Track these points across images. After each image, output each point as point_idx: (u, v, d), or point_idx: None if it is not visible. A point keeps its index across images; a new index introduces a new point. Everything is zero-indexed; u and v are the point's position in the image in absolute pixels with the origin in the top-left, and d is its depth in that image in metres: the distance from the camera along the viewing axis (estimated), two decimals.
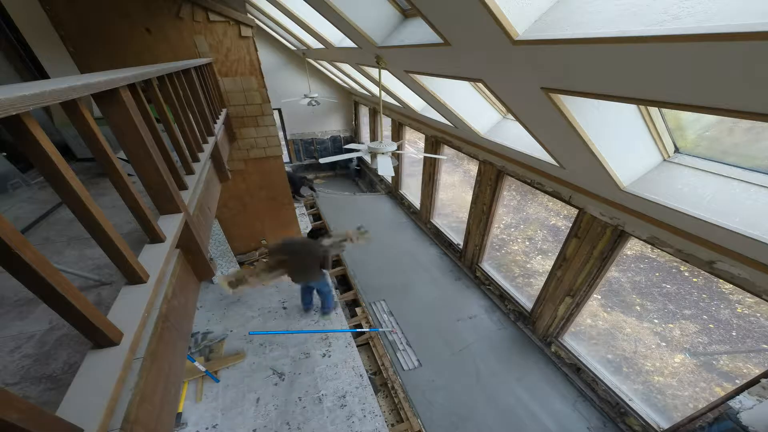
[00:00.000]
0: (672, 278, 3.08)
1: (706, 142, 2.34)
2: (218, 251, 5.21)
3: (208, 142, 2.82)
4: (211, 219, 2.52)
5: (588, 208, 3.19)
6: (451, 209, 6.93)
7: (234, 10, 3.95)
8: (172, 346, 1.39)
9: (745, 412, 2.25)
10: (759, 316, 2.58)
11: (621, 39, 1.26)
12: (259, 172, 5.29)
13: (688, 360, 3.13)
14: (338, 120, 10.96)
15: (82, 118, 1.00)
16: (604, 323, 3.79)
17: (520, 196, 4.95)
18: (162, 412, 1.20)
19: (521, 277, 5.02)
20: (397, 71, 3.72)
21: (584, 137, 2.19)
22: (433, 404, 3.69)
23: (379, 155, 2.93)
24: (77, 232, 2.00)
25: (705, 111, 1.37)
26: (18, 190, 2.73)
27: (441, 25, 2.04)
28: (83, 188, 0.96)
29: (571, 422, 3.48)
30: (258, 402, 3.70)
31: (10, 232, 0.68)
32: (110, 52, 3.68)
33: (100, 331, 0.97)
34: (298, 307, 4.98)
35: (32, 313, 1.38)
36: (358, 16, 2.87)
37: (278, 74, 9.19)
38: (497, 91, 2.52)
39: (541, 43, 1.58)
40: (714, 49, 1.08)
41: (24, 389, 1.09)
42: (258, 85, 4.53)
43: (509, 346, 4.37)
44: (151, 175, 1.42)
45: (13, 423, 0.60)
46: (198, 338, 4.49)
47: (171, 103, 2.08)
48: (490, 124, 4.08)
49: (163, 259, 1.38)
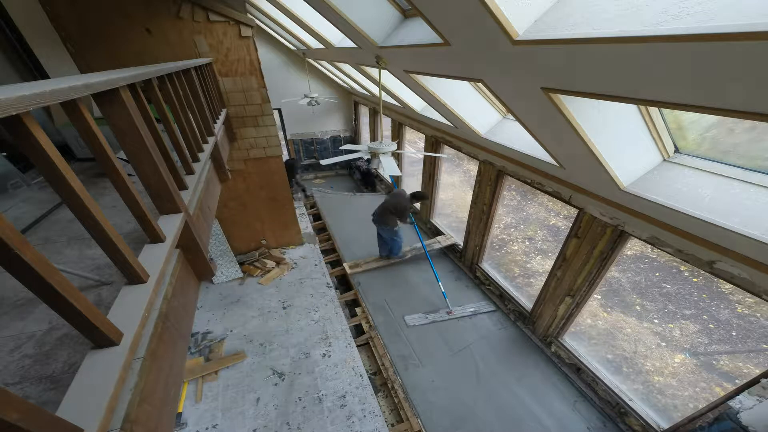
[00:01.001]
0: (672, 278, 3.09)
1: (707, 142, 2.34)
2: (218, 251, 5.21)
3: (208, 142, 2.82)
4: (211, 219, 2.52)
5: (588, 208, 3.19)
6: (451, 209, 6.93)
7: (234, 10, 3.95)
8: (172, 346, 1.39)
9: (745, 412, 2.25)
10: (759, 316, 2.58)
11: (621, 39, 1.26)
12: (259, 172, 5.29)
13: (688, 360, 3.13)
14: (338, 120, 10.96)
15: (82, 118, 1.00)
16: (604, 323, 3.79)
17: (520, 196, 4.95)
18: (162, 412, 1.20)
19: (521, 277, 5.02)
20: (397, 71, 3.72)
21: (584, 137, 2.19)
22: (433, 404, 3.70)
23: (382, 155, 2.93)
24: (77, 232, 2.01)
25: (705, 111, 1.37)
26: (18, 190, 2.74)
27: (441, 25, 2.04)
28: (83, 188, 0.96)
29: (571, 422, 3.48)
30: (258, 402, 3.71)
31: (10, 232, 0.68)
32: (110, 53, 3.69)
33: (100, 331, 0.97)
34: (298, 307, 4.99)
35: (32, 313, 1.38)
36: (358, 16, 2.87)
37: (278, 74, 9.18)
38: (497, 91, 2.52)
39: (541, 43, 1.58)
40: (714, 49, 1.08)
41: (24, 389, 1.09)
42: (258, 85, 4.53)
43: (509, 346, 4.37)
44: (151, 175, 1.42)
45: (13, 423, 0.60)
46: (198, 338, 4.49)
47: (171, 103, 2.08)
48: (490, 124, 4.08)
49: (163, 259, 1.38)
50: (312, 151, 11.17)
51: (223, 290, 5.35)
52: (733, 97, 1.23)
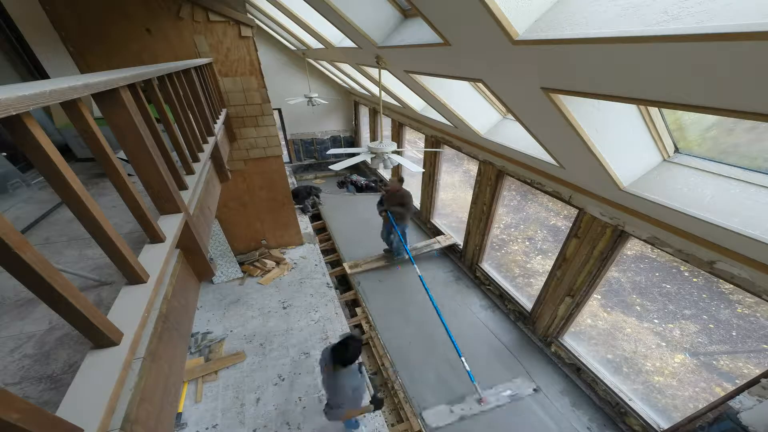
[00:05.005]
0: (672, 278, 3.09)
1: (707, 142, 2.34)
2: (218, 251, 5.21)
3: (208, 142, 2.82)
4: (211, 219, 2.52)
5: (588, 208, 3.19)
6: (451, 209, 6.93)
7: (234, 10, 3.95)
8: (172, 346, 1.39)
9: (745, 412, 2.25)
10: (759, 316, 2.58)
11: (621, 39, 1.26)
12: (259, 172, 5.29)
13: (688, 360, 3.13)
14: (338, 120, 10.96)
15: (82, 118, 1.00)
16: (604, 323, 3.79)
17: (520, 196, 4.95)
18: (162, 412, 1.20)
19: (521, 277, 5.02)
20: (397, 71, 3.72)
21: (584, 137, 2.19)
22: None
23: (396, 155, 2.95)
24: (77, 232, 2.00)
25: (705, 111, 1.37)
26: (18, 190, 2.74)
27: (441, 25, 2.04)
28: (83, 188, 0.96)
29: (571, 422, 3.48)
30: (258, 402, 3.70)
31: (10, 232, 0.68)
32: (110, 52, 3.68)
33: (100, 331, 0.97)
34: (298, 307, 4.99)
35: (32, 313, 1.38)
36: (358, 16, 2.87)
37: (278, 74, 9.18)
38: (497, 91, 2.52)
39: (541, 43, 1.58)
40: (714, 49, 1.08)
41: (24, 389, 1.09)
42: (258, 85, 4.53)
43: (509, 346, 4.37)
44: (151, 175, 1.42)
45: (13, 423, 0.60)
46: (198, 338, 4.49)
47: (171, 103, 2.08)
48: (490, 124, 4.08)
49: (163, 259, 1.38)
50: (312, 151, 11.17)
51: (223, 290, 5.35)
52: (733, 97, 1.23)
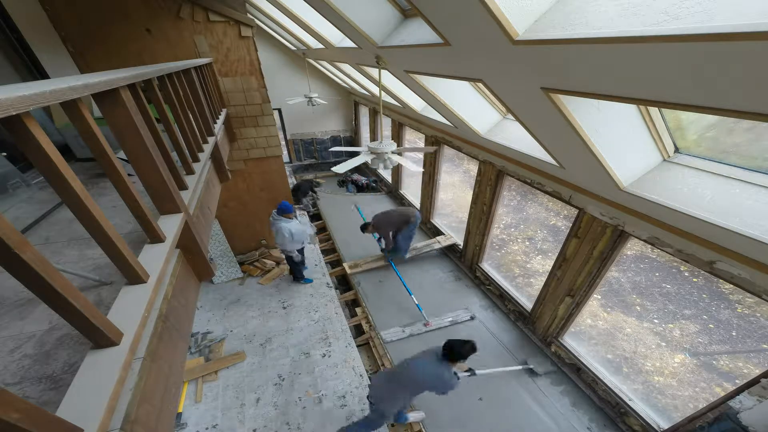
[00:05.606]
0: (672, 278, 3.08)
1: (707, 142, 2.34)
2: (218, 251, 5.21)
3: (208, 142, 2.82)
4: (211, 219, 2.52)
5: (588, 208, 3.19)
6: (451, 209, 6.93)
7: (234, 10, 3.95)
8: (172, 346, 1.39)
9: (745, 412, 2.26)
10: (759, 316, 2.58)
11: (621, 39, 1.26)
12: (259, 172, 5.30)
13: (688, 360, 3.12)
14: (338, 120, 10.96)
15: (82, 118, 1.00)
16: (604, 323, 3.78)
17: (520, 196, 4.95)
18: (162, 412, 1.20)
19: (521, 277, 5.02)
20: (397, 71, 3.72)
21: (584, 137, 2.19)
22: (433, 404, 3.69)
23: (396, 156, 2.94)
24: (77, 232, 2.01)
25: (705, 111, 1.37)
26: (18, 190, 2.74)
27: (441, 25, 2.04)
28: (83, 188, 0.96)
29: (571, 422, 3.48)
30: (258, 402, 3.70)
31: (10, 232, 0.68)
32: (110, 52, 3.68)
33: (100, 331, 0.97)
34: (298, 307, 5.00)
35: (32, 313, 1.38)
36: (358, 16, 2.87)
37: (278, 74, 9.18)
38: (497, 91, 2.52)
39: (541, 43, 1.58)
40: (714, 49, 1.08)
41: (24, 389, 1.09)
42: (258, 85, 4.53)
43: (509, 346, 4.37)
44: (151, 175, 1.42)
45: (13, 423, 0.60)
46: (198, 338, 4.49)
47: (171, 103, 2.08)
48: (490, 124, 4.08)
49: (163, 259, 1.38)
50: (312, 151, 11.17)
51: (223, 290, 5.35)
52: (733, 97, 1.23)
